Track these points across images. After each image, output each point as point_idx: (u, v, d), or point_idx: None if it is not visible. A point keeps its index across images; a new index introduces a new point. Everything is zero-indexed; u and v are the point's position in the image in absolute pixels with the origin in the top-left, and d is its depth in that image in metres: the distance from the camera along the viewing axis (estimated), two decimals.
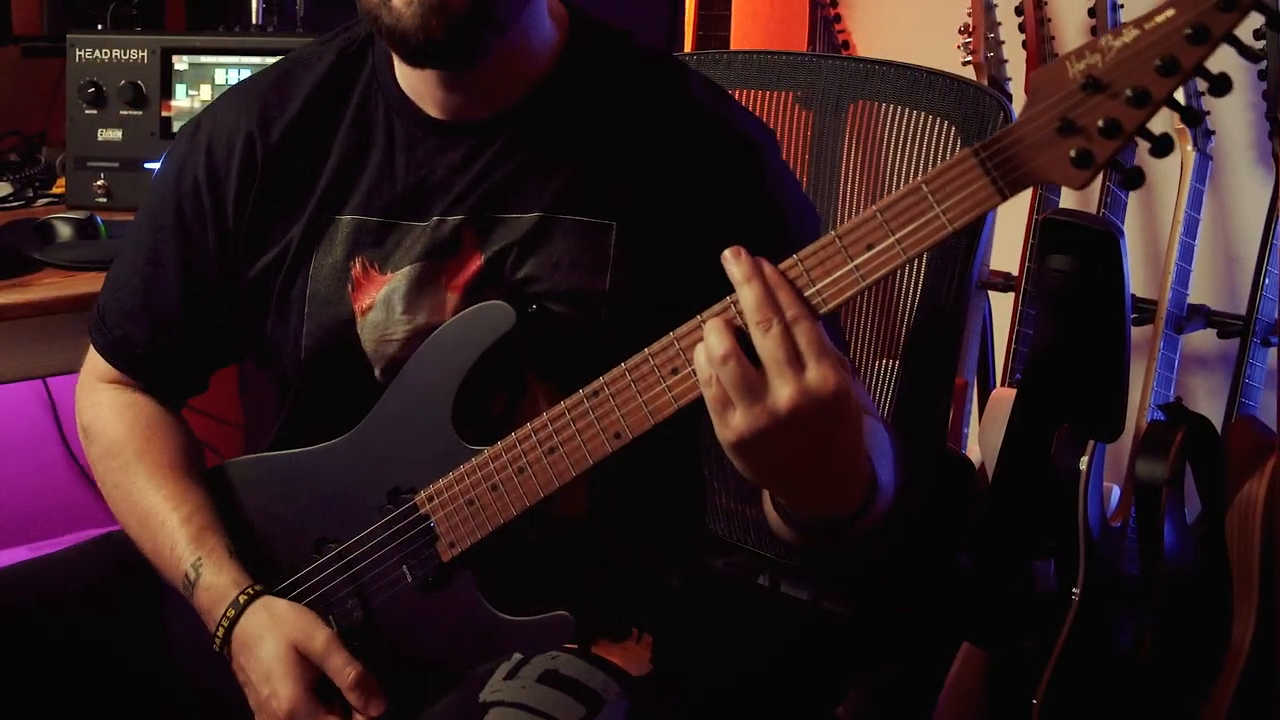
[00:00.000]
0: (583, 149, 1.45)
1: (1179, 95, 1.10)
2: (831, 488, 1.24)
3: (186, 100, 2.33)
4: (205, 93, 2.32)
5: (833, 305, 1.18)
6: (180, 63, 2.32)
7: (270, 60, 2.23)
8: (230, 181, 1.51)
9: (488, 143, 1.45)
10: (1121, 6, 2.49)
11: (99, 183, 2.32)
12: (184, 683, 1.55)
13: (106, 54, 2.32)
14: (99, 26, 2.55)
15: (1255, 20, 1.09)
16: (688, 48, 2.99)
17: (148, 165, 2.32)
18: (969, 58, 2.68)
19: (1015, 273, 2.58)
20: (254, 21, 2.61)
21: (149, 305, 1.56)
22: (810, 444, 1.17)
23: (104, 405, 1.60)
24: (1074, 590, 2.17)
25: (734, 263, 1.18)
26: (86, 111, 2.32)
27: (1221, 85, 1.07)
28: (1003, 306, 2.64)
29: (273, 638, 1.42)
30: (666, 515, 1.58)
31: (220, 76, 2.32)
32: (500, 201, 1.44)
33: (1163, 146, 1.10)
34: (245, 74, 2.30)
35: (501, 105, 1.45)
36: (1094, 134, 1.09)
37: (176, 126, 2.32)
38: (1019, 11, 2.63)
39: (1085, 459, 2.17)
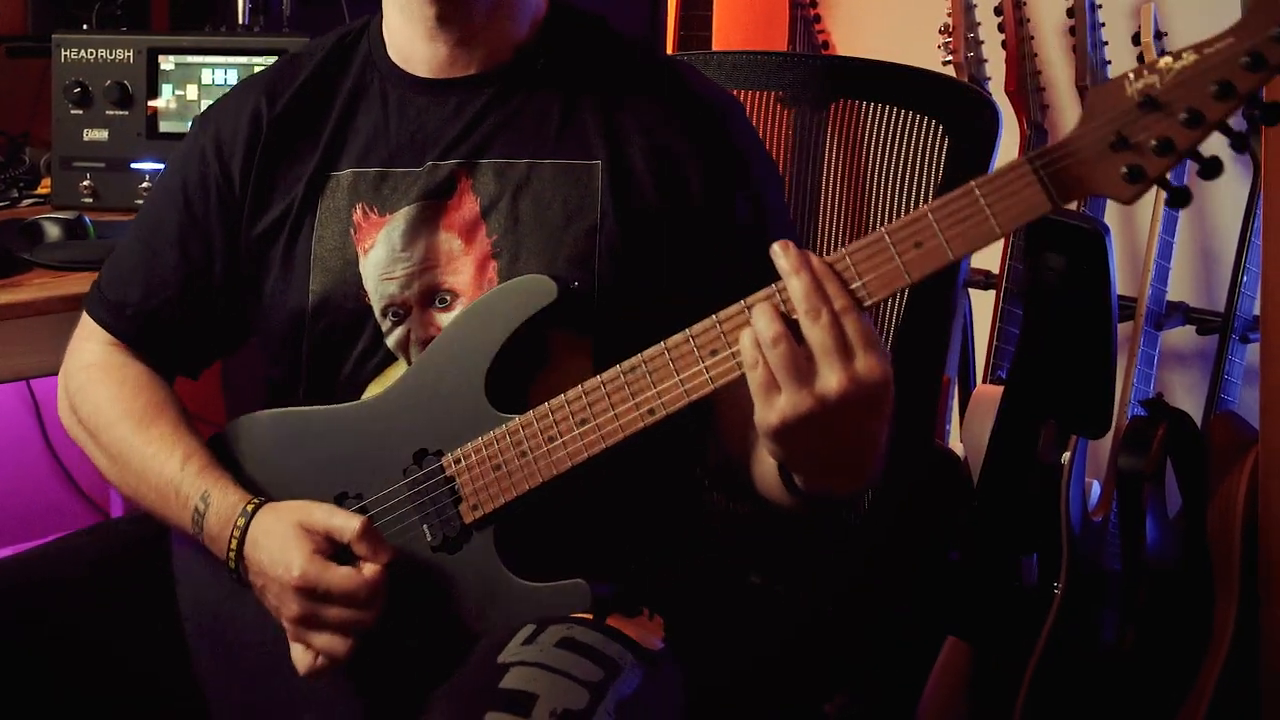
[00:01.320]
0: (564, 103, 1.53)
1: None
2: (853, 470, 1.30)
3: (173, 100, 2.32)
4: (191, 93, 2.31)
5: (877, 298, 1.22)
6: (166, 63, 2.31)
7: (257, 60, 2.28)
8: (237, 148, 1.58)
9: (475, 95, 1.54)
10: (1100, 6, 2.52)
11: (85, 183, 2.31)
12: (193, 670, 1.56)
13: (92, 54, 2.31)
14: (84, 26, 2.55)
15: None
16: (669, 48, 3.01)
17: (134, 165, 2.31)
18: (949, 57, 2.70)
19: (996, 271, 2.60)
20: (240, 21, 2.61)
21: (145, 269, 1.61)
22: (849, 430, 1.23)
23: (94, 367, 1.63)
24: (1055, 585, 2.19)
25: (782, 255, 1.22)
26: (72, 111, 2.31)
27: (1272, 114, 1.11)
28: (983, 304, 2.67)
29: (278, 525, 1.44)
30: (678, 488, 1.62)
31: (207, 76, 2.32)
32: (489, 147, 1.52)
33: (1211, 168, 1.13)
34: (232, 74, 2.31)
35: (487, 64, 1.55)
36: (1147, 151, 1.13)
37: (163, 126, 2.32)
38: (998, 11, 2.65)
39: (1067, 455, 2.19)
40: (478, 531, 1.43)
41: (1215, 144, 1.13)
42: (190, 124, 1.66)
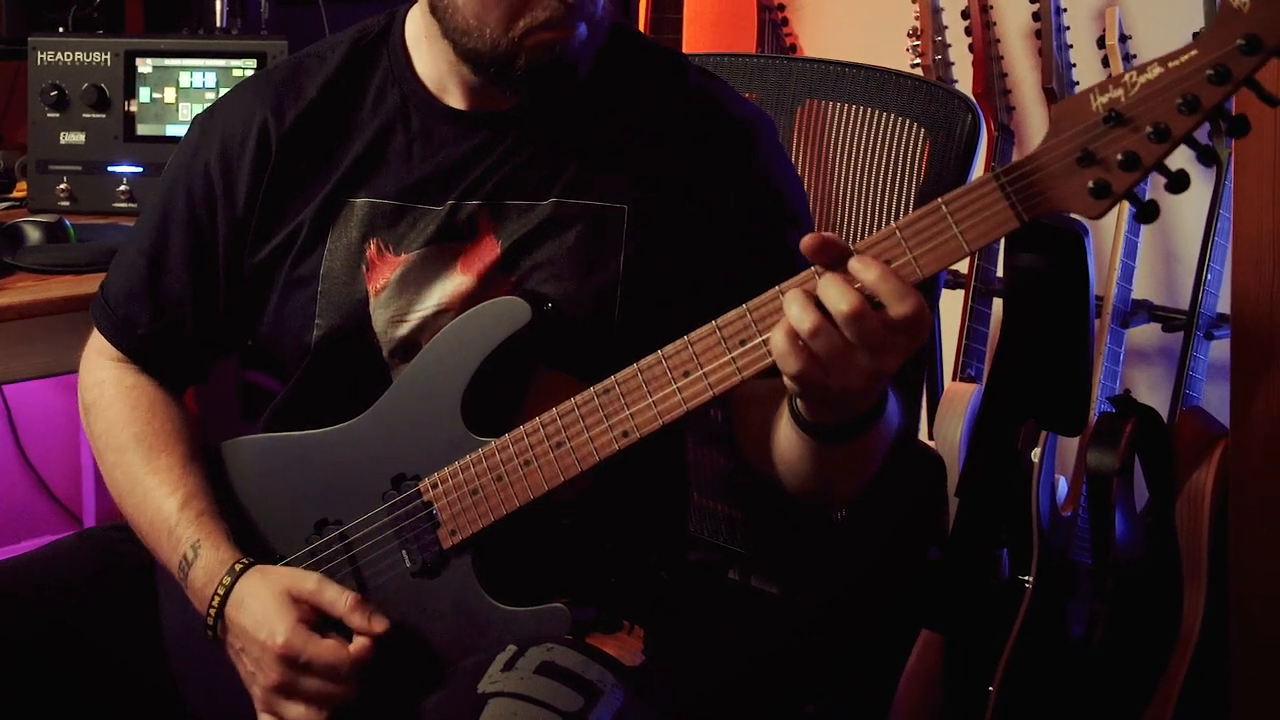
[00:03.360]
0: (592, 138, 1.49)
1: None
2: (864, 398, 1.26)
3: (150, 103, 2.32)
4: (169, 95, 2.31)
5: None
6: (144, 65, 2.31)
7: (235, 62, 2.28)
8: (243, 167, 1.53)
9: (504, 132, 1.49)
10: (1065, 10, 2.56)
11: (61, 186, 2.30)
12: (173, 678, 1.56)
13: (69, 56, 2.30)
14: (60, 29, 2.54)
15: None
16: None
17: (111, 168, 2.31)
18: (917, 60, 2.72)
19: (965, 271, 2.63)
20: (218, 24, 2.60)
21: (154, 288, 1.58)
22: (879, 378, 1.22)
23: (108, 384, 1.61)
24: (1025, 578, 2.22)
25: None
26: (48, 114, 2.30)
27: (1239, 127, 1.11)
28: (951, 303, 2.69)
29: (265, 590, 1.43)
30: (657, 504, 1.61)
31: (184, 79, 2.31)
32: (514, 188, 1.47)
33: (1179, 182, 1.12)
34: (210, 76, 2.31)
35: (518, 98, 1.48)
36: (1113, 166, 1.12)
37: (140, 129, 2.31)
38: (965, 15, 2.68)
39: (1036, 450, 2.22)
40: (456, 557, 1.43)
41: (1182, 156, 1.13)
42: (189, 126, 1.63)
